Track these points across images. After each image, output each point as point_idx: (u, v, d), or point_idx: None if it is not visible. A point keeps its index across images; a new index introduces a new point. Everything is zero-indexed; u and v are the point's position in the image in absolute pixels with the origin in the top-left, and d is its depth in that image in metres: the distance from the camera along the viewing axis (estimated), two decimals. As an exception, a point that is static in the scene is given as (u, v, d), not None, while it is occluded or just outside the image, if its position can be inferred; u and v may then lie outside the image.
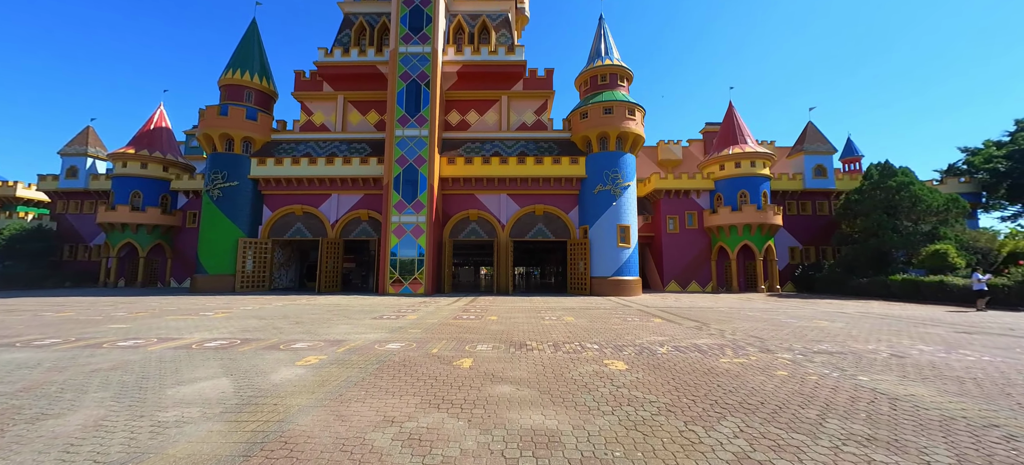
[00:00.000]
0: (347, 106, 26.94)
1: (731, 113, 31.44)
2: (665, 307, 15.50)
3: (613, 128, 22.86)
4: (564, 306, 15.61)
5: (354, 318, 11.20)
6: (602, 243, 22.60)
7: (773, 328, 9.78)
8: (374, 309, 13.87)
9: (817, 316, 12.50)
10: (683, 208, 30.26)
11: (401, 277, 22.01)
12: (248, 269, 24.27)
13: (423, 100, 23.52)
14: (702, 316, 12.35)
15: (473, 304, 16.38)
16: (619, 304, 16.83)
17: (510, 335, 8.44)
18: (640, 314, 12.86)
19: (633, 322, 10.76)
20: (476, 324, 10.14)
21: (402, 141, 23.09)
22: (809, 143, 31.52)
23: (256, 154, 25.52)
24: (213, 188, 24.52)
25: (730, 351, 6.86)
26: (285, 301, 16.86)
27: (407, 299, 18.68)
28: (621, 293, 21.88)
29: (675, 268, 29.52)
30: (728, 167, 29.21)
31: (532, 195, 24.55)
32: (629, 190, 23.20)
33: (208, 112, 24.86)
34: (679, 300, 19.28)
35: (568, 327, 9.75)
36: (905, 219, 24.47)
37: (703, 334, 8.78)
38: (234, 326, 9.52)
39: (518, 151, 24.67)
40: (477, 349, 6.92)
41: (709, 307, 15.62)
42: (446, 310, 13.81)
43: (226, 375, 5.14)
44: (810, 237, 30.99)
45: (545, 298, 19.90)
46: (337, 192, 25.15)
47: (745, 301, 19.03)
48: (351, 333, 8.61)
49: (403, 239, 22.29)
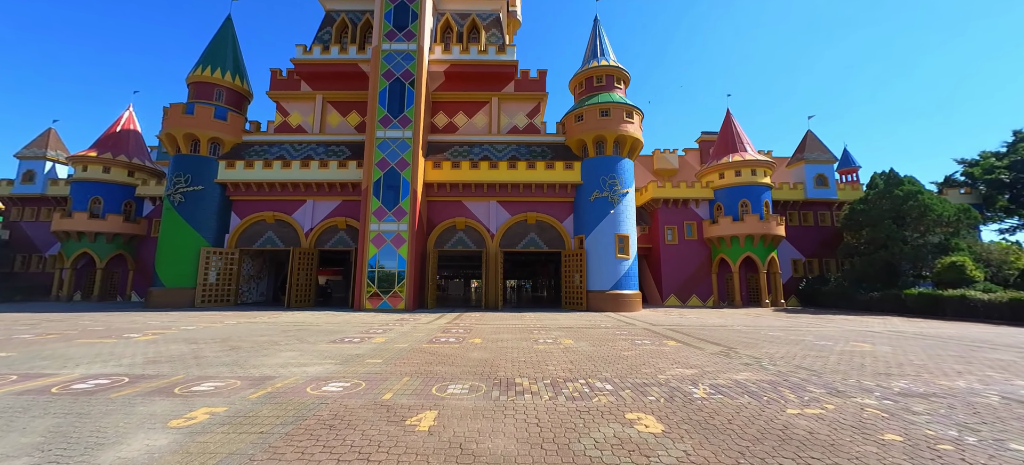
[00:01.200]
0: (326, 107, 25.16)
1: (729, 120, 30.43)
2: (673, 325, 13.78)
3: (610, 131, 21.43)
4: (560, 324, 13.78)
5: (307, 342, 9.24)
6: (599, 254, 20.94)
7: (814, 354, 8.09)
8: (339, 329, 11.88)
9: (850, 336, 10.88)
10: (682, 218, 28.88)
11: (380, 291, 19.99)
12: (211, 281, 21.99)
13: (407, 100, 21.88)
14: (720, 337, 10.65)
15: (457, 322, 14.46)
16: (620, 321, 15.06)
17: (495, 367, 6.61)
18: (648, 334, 11.10)
19: (644, 346, 8.99)
20: (454, 350, 8.27)
21: (384, 143, 21.33)
22: (809, 152, 30.58)
23: (225, 156, 23.49)
24: (174, 192, 22.36)
25: (789, 393, 5.12)
26: (241, 319, 14.74)
27: (384, 316, 16.68)
28: (620, 308, 20.13)
29: (675, 281, 27.96)
30: (728, 175, 27.99)
31: (524, 202, 22.88)
32: (628, 197, 21.68)
33: (172, 110, 22.86)
34: (684, 316, 17.60)
35: (567, 354, 7.94)
36: (913, 230, 23.34)
37: (736, 363, 7.05)
38: (144, 354, 7.50)
39: (509, 155, 23.05)
40: (448, 392, 5.07)
41: (721, 325, 13.94)
42: (424, 330, 11.89)
43: (39, 450, 3.24)
44: (813, 249, 29.78)
45: (538, 314, 18.06)
46: (312, 198, 23.17)
47: (755, 317, 17.43)
48: (288, 365, 6.68)
49: (383, 249, 20.34)
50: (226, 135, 23.47)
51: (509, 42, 23.85)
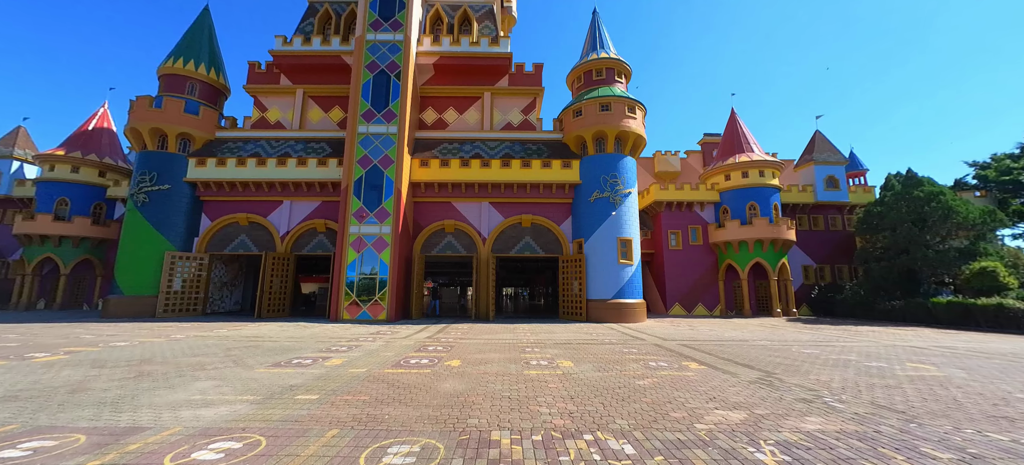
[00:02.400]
0: (307, 101, 23.50)
1: (734, 120, 29.01)
2: (687, 340, 12.03)
3: (611, 127, 19.85)
4: (557, 339, 12.01)
5: (243, 365, 7.43)
6: (600, 259, 19.22)
7: (879, 383, 6.38)
8: (296, 346, 10.07)
9: (898, 355, 9.17)
10: (686, 222, 27.29)
11: (359, 300, 18.16)
12: (176, 289, 20.08)
13: (392, 93, 20.25)
14: (749, 357, 8.92)
15: (440, 336, 12.67)
16: (626, 335, 13.30)
17: (468, 408, 4.86)
18: (662, 353, 9.35)
19: (662, 370, 7.25)
20: (422, 379, 6.50)
21: (366, 138, 19.64)
22: (818, 153, 29.15)
23: (195, 154, 21.72)
24: (138, 192, 20.52)
25: (900, 459, 3.40)
26: (193, 333, 12.88)
27: (361, 328, 14.86)
28: (623, 319, 18.37)
29: (679, 289, 26.26)
30: (735, 177, 26.47)
31: (518, 204, 21.18)
32: (630, 198, 20.03)
33: (138, 103, 21.12)
34: (694, 328, 15.87)
35: (567, 384, 6.19)
36: (935, 234, 21.79)
37: (791, 399, 5.32)
38: (13, 385, 5.68)
39: (502, 153, 21.39)
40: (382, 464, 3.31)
41: (741, 339, 12.22)
42: (397, 347, 10.10)
43: None
44: (824, 255, 28.20)
45: (533, 326, 16.28)
46: (290, 199, 21.39)
47: (773, 330, 15.72)
48: (186, 406, 4.90)
49: (363, 253, 18.56)
50: (198, 131, 21.72)
51: (503, 35, 22.38)
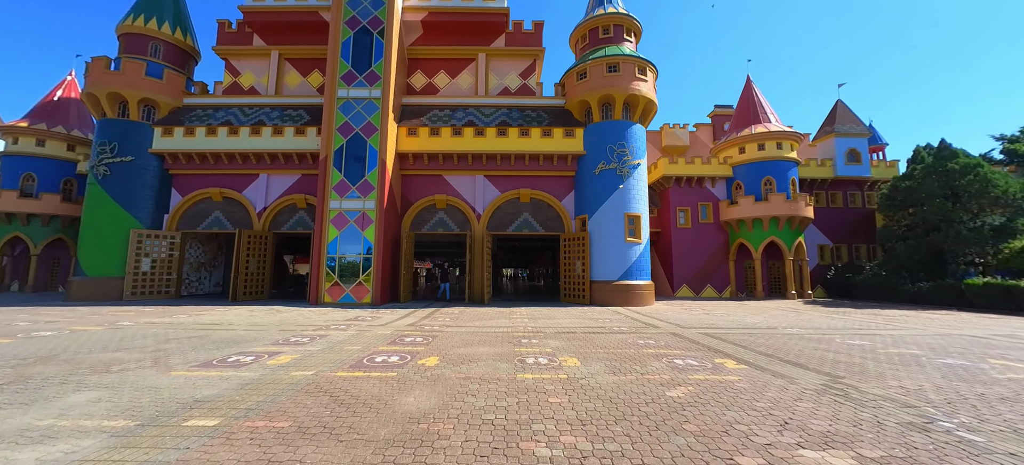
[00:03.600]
0: (283, 64, 21.36)
1: (750, 89, 26.84)
2: (707, 328, 10.48)
3: (619, 90, 17.84)
4: (559, 327, 10.47)
5: (162, 365, 5.85)
6: (605, 237, 17.57)
7: (988, 392, 4.80)
8: (249, 338, 8.51)
9: (964, 346, 7.60)
10: (696, 199, 25.53)
11: (342, 281, 16.60)
12: (144, 270, 18.51)
13: (375, 52, 18.16)
14: (790, 351, 7.36)
15: (424, 323, 11.13)
16: (636, 321, 11.77)
17: (426, 447, 3.27)
18: (685, 345, 7.79)
19: (693, 372, 5.68)
20: (379, 388, 4.91)
21: (346, 104, 17.68)
22: (840, 124, 27.11)
23: (161, 122, 19.76)
24: (98, 165, 18.70)
25: None
26: (147, 319, 11.33)
27: (339, 313, 13.34)
28: (630, 302, 16.86)
29: (687, 269, 24.73)
30: (750, 150, 24.55)
31: (516, 177, 19.37)
32: (639, 170, 18.21)
33: (94, 65, 19.03)
34: (709, 312, 14.36)
35: (573, 396, 4.60)
36: (966, 210, 20.07)
37: (891, 422, 3.72)
38: None
39: (498, 120, 19.43)
40: None
41: (768, 327, 10.68)
42: (367, 338, 8.54)
43: None
44: (842, 233, 26.54)
45: (531, 310, 14.76)
46: (266, 171, 19.57)
47: (797, 314, 14.20)
48: (22, 437, 3.30)
49: (345, 231, 16.89)
50: (162, 97, 19.70)
51: None
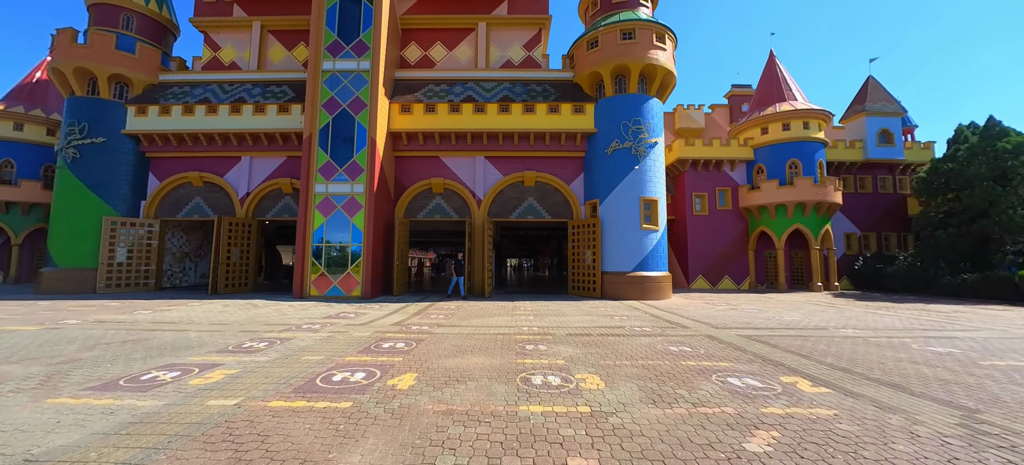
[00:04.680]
0: (266, 37, 19.67)
1: (773, 64, 24.78)
2: (745, 328, 8.88)
3: (635, 59, 16.00)
4: (570, 327, 8.92)
5: (50, 386, 4.37)
6: (618, 224, 15.91)
7: None
8: (198, 343, 7.04)
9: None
10: (713, 183, 23.72)
11: (329, 273, 15.14)
12: (120, 260, 17.18)
13: (364, 20, 16.42)
14: (865, 361, 5.75)
15: (412, 322, 9.63)
16: (658, 318, 10.19)
17: None
18: (734, 356, 6.20)
19: (761, 399, 4.10)
20: (322, 430, 3.39)
21: (332, 77, 16.01)
22: (872, 102, 25.02)
23: (135, 101, 18.23)
24: (67, 147, 17.26)
25: None
26: (100, 315, 9.93)
27: (321, 308, 11.88)
28: (646, 295, 15.26)
29: (703, 259, 23.05)
30: (773, 130, 22.62)
31: (520, 158, 17.70)
32: (656, 149, 16.45)
33: (60, 38, 17.46)
34: (736, 307, 12.75)
35: (600, 449, 3.04)
36: (1016, 194, 18.16)
37: None
38: None
39: (500, 95, 17.67)
40: None
41: (817, 327, 9.05)
42: (338, 343, 7.04)
43: None
44: (870, 221, 24.66)
45: (536, 305, 13.22)
46: (249, 154, 18.05)
47: (836, 309, 12.54)
48: None
49: (332, 217, 15.37)
50: (135, 73, 18.12)
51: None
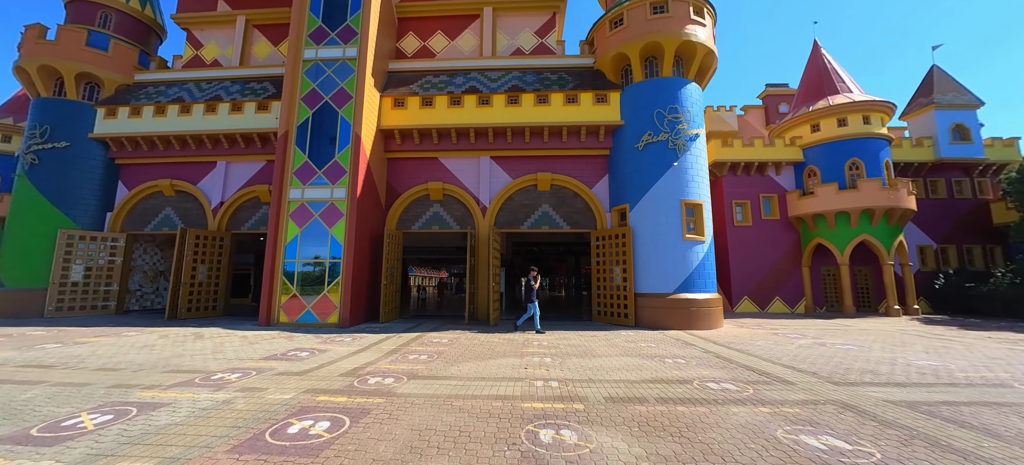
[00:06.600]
0: (251, 32, 17.85)
1: (818, 55, 21.78)
2: (874, 383, 5.72)
3: (670, 36, 13.29)
4: (605, 380, 5.97)
5: None
6: (655, 234, 12.91)
7: None
8: (28, 403, 4.37)
9: None
10: (756, 189, 20.54)
11: (301, 295, 12.55)
12: (76, 280, 15.02)
13: (352, 4, 14.31)
14: None
15: (382, 367, 6.82)
16: (734, 364, 7.11)
17: None
18: (934, 456, 3.19)
19: None
20: None
21: (315, 67, 13.82)
22: (940, 94, 21.62)
23: (106, 102, 16.46)
24: (26, 152, 15.46)
25: None
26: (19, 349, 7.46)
27: (279, 343, 9.20)
28: (693, 323, 12.08)
29: (749, 278, 19.66)
30: (826, 126, 19.47)
31: (532, 157, 15.02)
32: (698, 142, 13.52)
33: (27, 35, 15.92)
34: (824, 342, 9.51)
35: None
36: None
37: None
38: None
39: (509, 85, 15.14)
40: None
41: (998, 385, 5.86)
42: (221, 419, 4.26)
43: None
44: (947, 231, 20.91)
45: (554, 339, 10.25)
46: (225, 158, 15.91)
47: (965, 347, 9.16)
48: None
49: (308, 227, 12.88)
50: (107, 72, 16.40)
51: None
